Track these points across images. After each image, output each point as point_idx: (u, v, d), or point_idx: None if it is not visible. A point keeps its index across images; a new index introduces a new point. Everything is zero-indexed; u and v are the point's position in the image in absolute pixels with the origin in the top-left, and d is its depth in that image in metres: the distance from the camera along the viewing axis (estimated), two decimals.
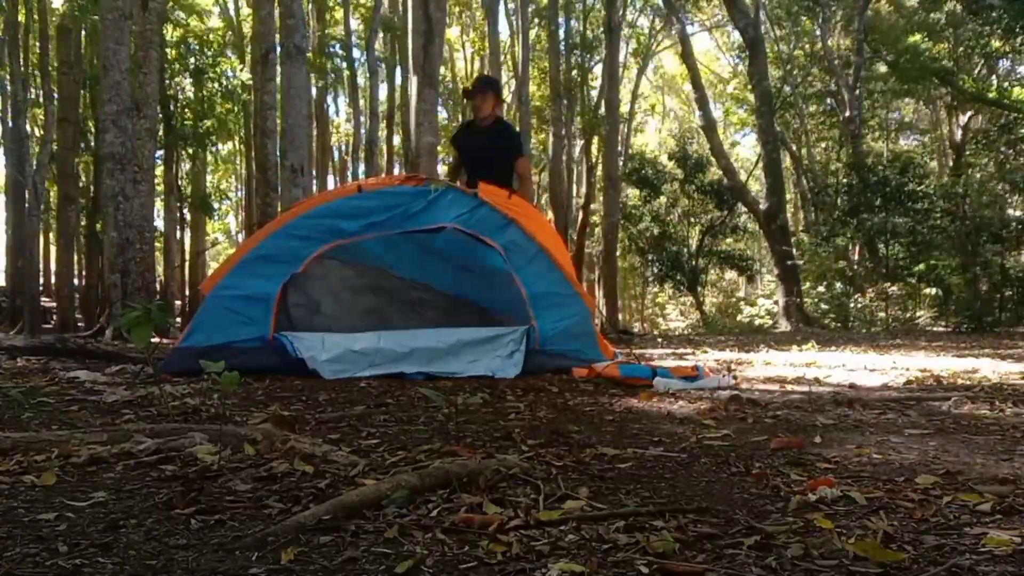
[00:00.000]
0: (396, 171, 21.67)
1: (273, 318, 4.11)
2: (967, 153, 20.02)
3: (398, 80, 21.64)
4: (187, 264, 19.38)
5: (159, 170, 15.38)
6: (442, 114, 26.11)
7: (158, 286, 13.89)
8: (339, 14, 22.98)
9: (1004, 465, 1.95)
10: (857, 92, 18.98)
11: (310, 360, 3.99)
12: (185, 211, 18.12)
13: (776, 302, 16.31)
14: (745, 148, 32.43)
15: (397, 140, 22.28)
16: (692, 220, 20.60)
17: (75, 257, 17.88)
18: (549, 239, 4.75)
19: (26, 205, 13.94)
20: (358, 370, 4.01)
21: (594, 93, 22.97)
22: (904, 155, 18.73)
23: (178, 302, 17.50)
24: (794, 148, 23.06)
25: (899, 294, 15.51)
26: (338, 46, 23.51)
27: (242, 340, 4.02)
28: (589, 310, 4.75)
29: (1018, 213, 16.35)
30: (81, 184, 17.44)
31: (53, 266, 19.41)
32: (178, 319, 14.87)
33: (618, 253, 19.31)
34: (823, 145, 23.43)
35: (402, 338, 4.28)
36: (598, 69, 22.63)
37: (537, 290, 4.46)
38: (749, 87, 18.43)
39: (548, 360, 4.31)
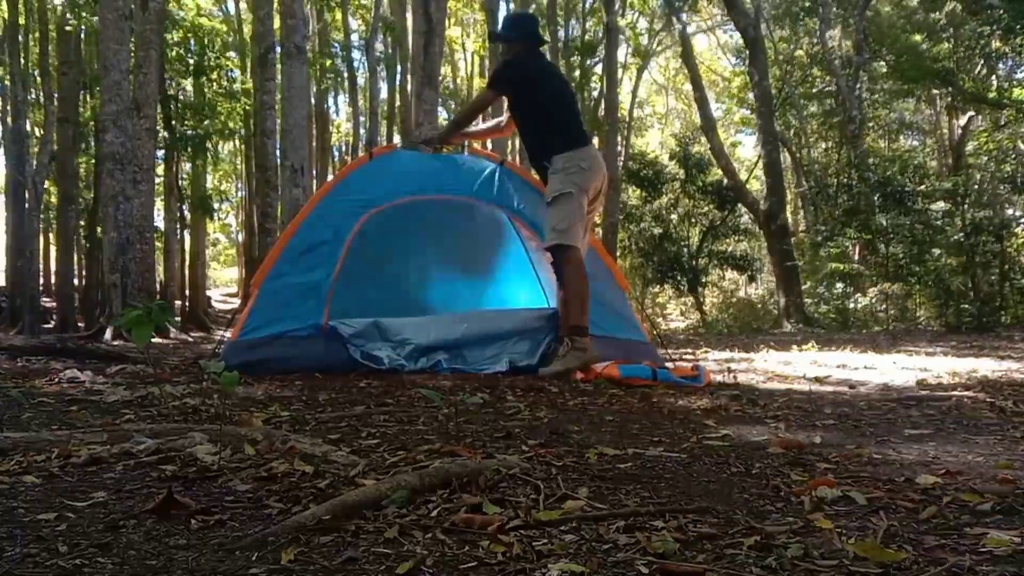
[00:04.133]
0: None
1: (326, 306, 4.07)
2: (968, 153, 20.00)
3: (398, 80, 21.64)
4: (187, 264, 19.36)
5: (159, 170, 15.37)
6: (442, 114, 26.11)
7: (158, 286, 13.88)
8: (339, 14, 22.98)
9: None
10: (857, 92, 18.96)
11: (363, 350, 4.00)
12: (185, 211, 18.10)
13: (776, 302, 16.30)
14: (745, 148, 32.47)
15: (397, 140, 22.28)
16: (692, 220, 20.57)
17: (75, 257, 17.86)
18: None
19: (26, 205, 13.94)
20: (410, 359, 4.04)
21: (595, 94, 22.97)
22: (904, 155, 18.71)
23: (178, 302, 17.47)
24: (794, 148, 23.04)
25: (899, 294, 15.49)
26: (338, 46, 23.52)
27: (295, 329, 4.01)
28: (624, 290, 4.68)
29: (1018, 213, 16.35)
30: (81, 184, 17.43)
31: (53, 266, 19.40)
32: (178, 319, 14.85)
33: (618, 253, 19.29)
34: (823, 145, 23.41)
35: (449, 324, 4.28)
36: (598, 69, 22.63)
37: None
38: (750, 86, 18.43)
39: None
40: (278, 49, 10.45)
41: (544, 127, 4.15)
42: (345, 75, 23.90)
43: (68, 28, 14.35)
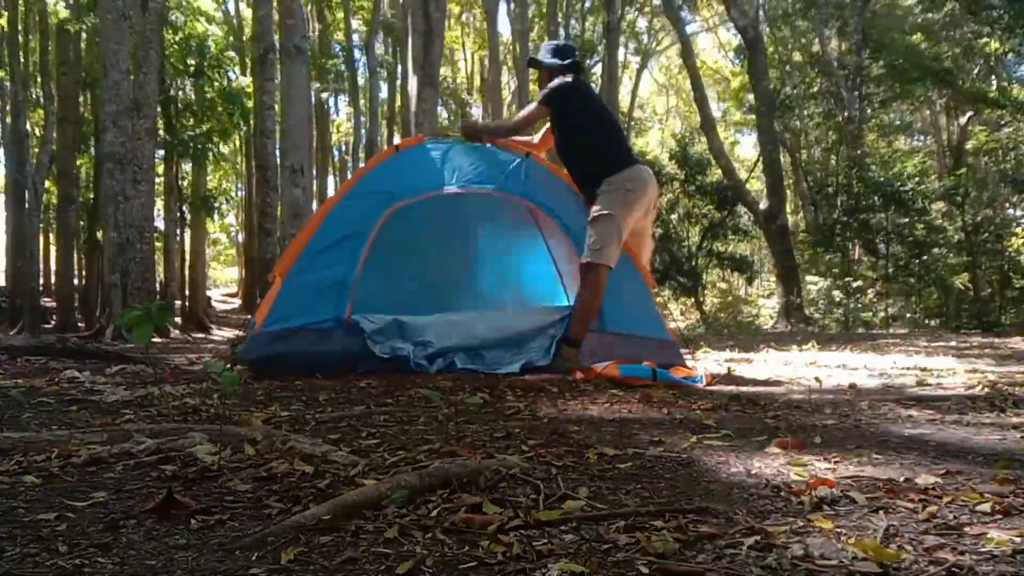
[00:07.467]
0: None
1: (349, 300, 4.04)
2: (968, 153, 20.00)
3: (398, 80, 21.65)
4: (187, 264, 19.34)
5: (159, 170, 15.36)
6: (442, 114, 26.13)
7: (158, 286, 13.88)
8: (340, 15, 23.00)
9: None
10: (856, 93, 18.96)
11: (390, 345, 3.98)
12: (185, 211, 18.08)
13: (776, 302, 16.31)
14: (745, 148, 32.47)
15: (397, 140, 22.30)
16: (692, 220, 20.57)
17: (75, 257, 17.86)
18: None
19: (26, 205, 13.95)
20: (430, 360, 4.03)
21: None
22: (904, 155, 18.73)
23: (178, 302, 17.46)
24: (794, 148, 23.04)
25: (899, 294, 15.51)
26: (338, 47, 23.53)
27: (318, 322, 3.99)
28: (648, 288, 4.64)
29: (1018, 213, 16.36)
30: (81, 184, 17.42)
31: (53, 266, 19.40)
32: (178, 319, 14.84)
33: None
34: (823, 145, 23.41)
35: (470, 325, 4.25)
36: (598, 69, 22.63)
37: None
38: (749, 86, 18.44)
39: (609, 341, 4.15)
40: (278, 49, 10.45)
41: (588, 149, 4.39)
42: (345, 75, 23.91)
43: (68, 28, 14.33)
